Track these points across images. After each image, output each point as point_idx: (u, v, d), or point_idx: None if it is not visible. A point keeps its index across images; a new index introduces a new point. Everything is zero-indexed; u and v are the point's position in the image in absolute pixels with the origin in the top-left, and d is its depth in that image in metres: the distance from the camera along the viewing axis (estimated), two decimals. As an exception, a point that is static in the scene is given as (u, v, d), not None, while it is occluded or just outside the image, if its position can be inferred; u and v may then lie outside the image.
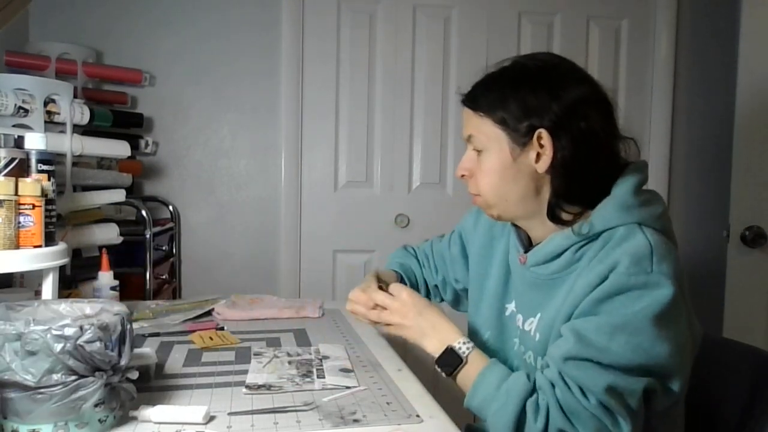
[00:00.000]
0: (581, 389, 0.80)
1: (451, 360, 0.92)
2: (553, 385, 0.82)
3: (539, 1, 2.36)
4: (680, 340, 0.82)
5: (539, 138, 0.88)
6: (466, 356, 0.92)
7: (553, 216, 0.92)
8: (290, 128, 2.24)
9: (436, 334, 0.95)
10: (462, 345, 0.93)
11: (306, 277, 2.29)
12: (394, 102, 2.30)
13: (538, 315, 0.95)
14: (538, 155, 0.89)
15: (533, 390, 0.85)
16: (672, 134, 2.45)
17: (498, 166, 0.92)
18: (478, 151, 0.94)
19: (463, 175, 0.97)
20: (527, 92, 0.89)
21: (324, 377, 1.00)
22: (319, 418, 0.83)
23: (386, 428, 0.81)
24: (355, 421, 0.83)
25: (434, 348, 0.95)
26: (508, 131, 0.90)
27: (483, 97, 0.93)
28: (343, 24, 2.27)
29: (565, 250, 0.90)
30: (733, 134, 1.87)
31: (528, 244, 1.00)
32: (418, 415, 0.85)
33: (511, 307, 1.02)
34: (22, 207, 1.02)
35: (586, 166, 0.89)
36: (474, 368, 0.91)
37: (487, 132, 0.92)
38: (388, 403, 0.90)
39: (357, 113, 2.29)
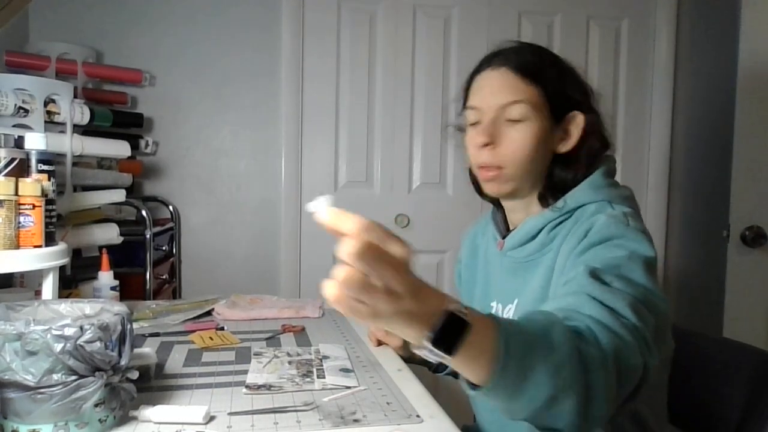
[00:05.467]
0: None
1: (454, 330, 0.54)
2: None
3: (539, 1, 2.36)
4: (666, 299, 0.76)
5: (570, 121, 0.93)
6: (469, 320, 0.55)
7: (545, 198, 0.94)
8: (290, 128, 2.24)
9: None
10: (457, 304, 0.56)
11: (306, 277, 2.29)
12: (394, 102, 2.30)
13: (516, 301, 0.95)
14: (561, 138, 0.93)
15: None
16: (672, 134, 2.45)
17: (537, 138, 0.91)
18: (513, 121, 0.91)
19: (486, 144, 0.92)
20: (572, 75, 0.94)
21: (324, 377, 0.99)
22: (319, 418, 0.83)
23: (386, 428, 0.81)
24: (355, 421, 0.83)
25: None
26: (551, 106, 0.92)
27: (535, 66, 0.92)
28: (343, 24, 2.27)
29: (540, 230, 0.92)
30: (733, 134, 1.87)
31: (505, 231, 1.02)
32: (418, 415, 0.85)
33: (495, 305, 1.02)
34: (22, 207, 1.02)
35: (593, 156, 0.94)
36: (482, 335, 0.56)
37: (534, 102, 0.91)
38: (388, 403, 0.89)
39: (357, 113, 2.29)
